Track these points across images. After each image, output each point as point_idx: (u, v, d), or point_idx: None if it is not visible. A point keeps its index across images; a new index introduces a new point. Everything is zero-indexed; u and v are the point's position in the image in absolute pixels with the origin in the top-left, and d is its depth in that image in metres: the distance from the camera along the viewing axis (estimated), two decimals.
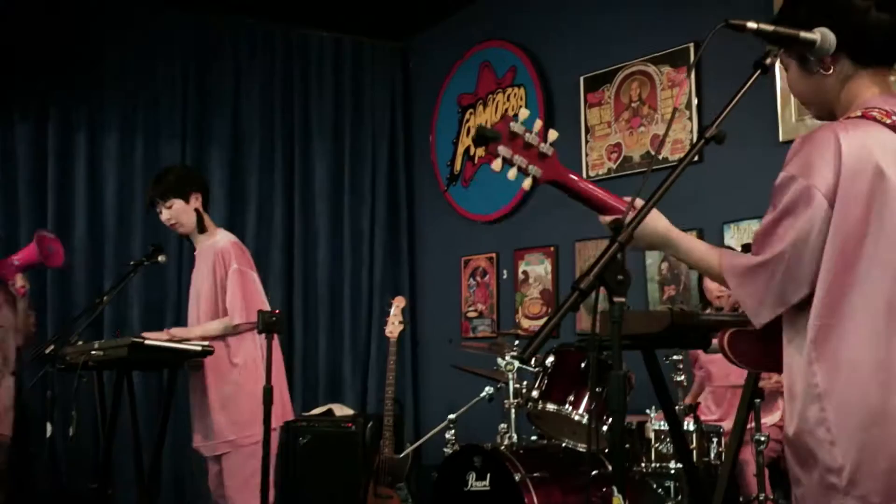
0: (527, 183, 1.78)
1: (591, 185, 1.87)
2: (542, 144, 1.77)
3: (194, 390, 3.44)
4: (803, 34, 1.81)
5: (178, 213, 3.44)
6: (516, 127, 1.73)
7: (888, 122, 1.64)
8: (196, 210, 3.46)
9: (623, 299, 1.58)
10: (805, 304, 1.61)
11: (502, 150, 1.73)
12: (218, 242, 3.44)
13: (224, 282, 3.37)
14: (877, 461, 1.53)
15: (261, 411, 3.11)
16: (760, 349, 1.75)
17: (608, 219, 1.73)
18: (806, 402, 1.59)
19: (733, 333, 1.75)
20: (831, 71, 1.73)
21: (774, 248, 1.62)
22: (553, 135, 1.80)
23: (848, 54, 1.71)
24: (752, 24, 1.77)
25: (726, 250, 1.81)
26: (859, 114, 1.68)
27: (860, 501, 1.53)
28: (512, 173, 1.76)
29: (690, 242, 1.81)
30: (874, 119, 1.65)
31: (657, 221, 1.78)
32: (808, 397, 1.59)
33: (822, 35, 1.82)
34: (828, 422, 1.55)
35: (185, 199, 3.43)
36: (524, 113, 1.76)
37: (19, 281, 4.06)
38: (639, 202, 1.71)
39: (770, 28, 1.78)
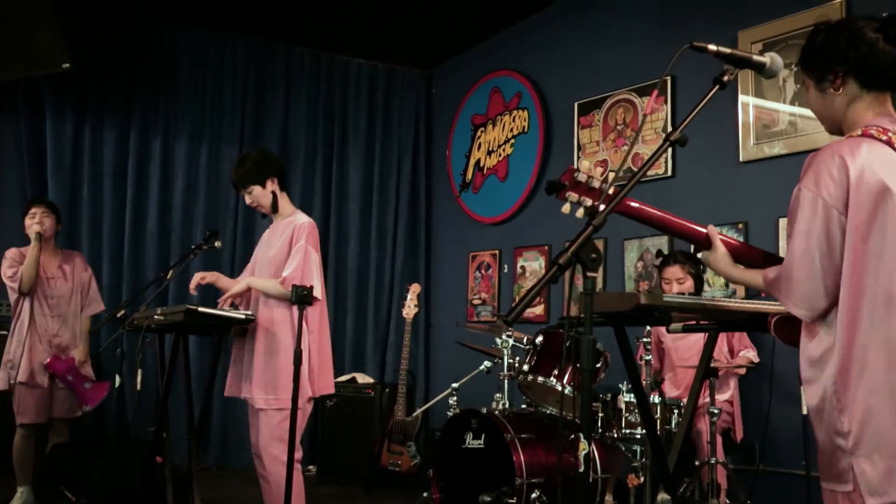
0: (598, 220, 1.66)
1: (646, 207, 1.87)
2: (604, 185, 1.74)
3: (249, 349, 3.23)
4: (756, 57, 1.78)
5: (258, 197, 3.25)
6: (579, 176, 1.70)
7: (884, 138, 1.60)
8: (273, 192, 3.27)
9: (596, 275, 1.57)
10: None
11: (570, 195, 1.71)
12: (297, 219, 3.26)
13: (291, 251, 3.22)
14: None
15: (302, 377, 3.02)
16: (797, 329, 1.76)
17: None
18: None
19: (778, 319, 1.79)
20: (840, 91, 1.68)
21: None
22: (612, 176, 1.76)
23: (856, 78, 1.66)
24: (712, 47, 1.74)
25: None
26: (860, 132, 1.63)
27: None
28: (580, 212, 1.72)
29: (742, 272, 1.86)
30: (871, 136, 1.60)
31: (726, 258, 1.86)
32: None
33: (771, 59, 1.78)
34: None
35: (261, 184, 3.24)
36: (584, 165, 1.75)
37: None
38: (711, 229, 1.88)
39: (728, 51, 1.74)
